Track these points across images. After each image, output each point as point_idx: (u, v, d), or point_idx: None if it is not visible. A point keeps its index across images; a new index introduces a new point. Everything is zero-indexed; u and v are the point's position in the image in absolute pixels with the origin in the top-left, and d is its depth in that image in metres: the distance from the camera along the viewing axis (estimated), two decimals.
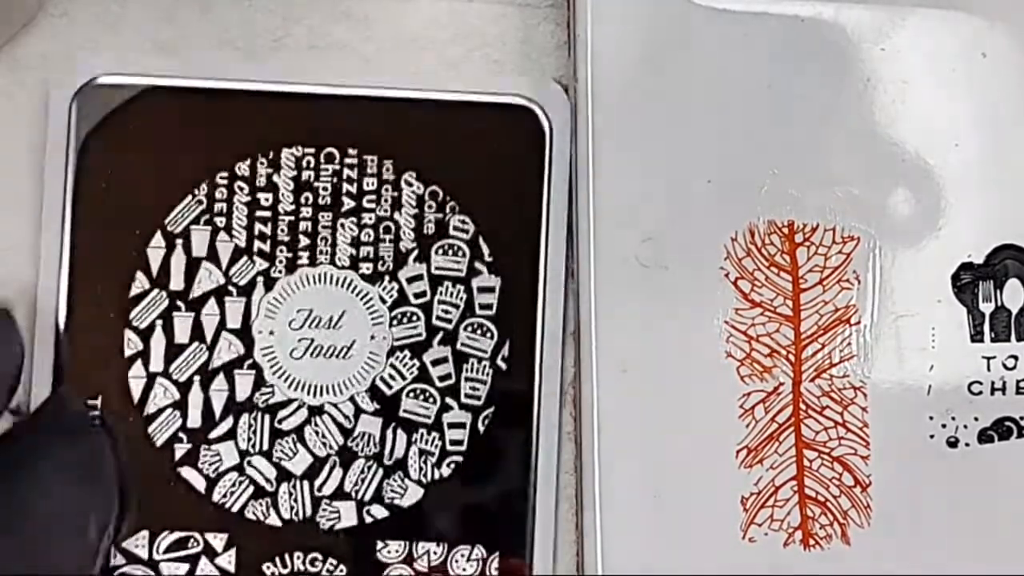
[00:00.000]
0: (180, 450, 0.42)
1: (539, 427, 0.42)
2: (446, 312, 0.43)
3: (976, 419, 0.42)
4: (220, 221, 0.42)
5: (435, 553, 0.42)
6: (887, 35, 0.43)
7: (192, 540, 0.42)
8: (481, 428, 0.42)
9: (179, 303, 0.42)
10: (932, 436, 0.42)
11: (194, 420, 0.42)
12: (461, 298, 0.43)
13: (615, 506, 0.41)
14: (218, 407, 0.42)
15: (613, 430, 0.42)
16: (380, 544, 0.42)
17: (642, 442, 0.42)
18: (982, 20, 0.43)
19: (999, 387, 0.42)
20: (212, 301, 0.42)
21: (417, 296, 0.43)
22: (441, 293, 0.43)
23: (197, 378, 0.42)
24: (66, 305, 0.42)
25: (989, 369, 0.42)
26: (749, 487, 0.42)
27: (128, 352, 0.42)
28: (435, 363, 0.43)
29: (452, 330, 0.43)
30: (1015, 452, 0.42)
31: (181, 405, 0.42)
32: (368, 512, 0.42)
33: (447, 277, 0.43)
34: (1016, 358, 0.42)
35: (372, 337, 0.42)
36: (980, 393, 0.42)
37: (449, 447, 0.42)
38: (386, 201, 0.43)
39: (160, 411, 0.42)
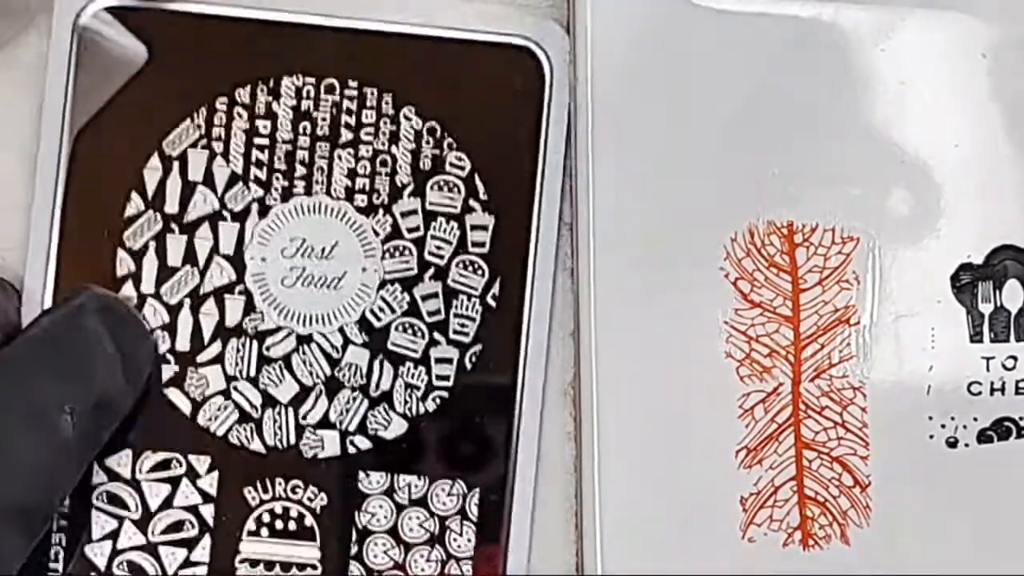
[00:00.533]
0: (167, 372, 0.42)
1: (526, 365, 0.42)
2: (438, 248, 0.43)
3: (975, 419, 0.42)
4: (218, 146, 0.42)
5: (416, 486, 0.42)
6: (887, 35, 0.43)
7: (175, 461, 0.42)
8: (468, 365, 0.43)
9: (173, 226, 0.42)
10: (931, 436, 0.42)
11: (183, 343, 0.42)
12: (454, 235, 0.43)
13: (615, 506, 0.42)
14: (207, 331, 0.42)
15: (613, 430, 0.42)
16: (362, 475, 0.42)
17: (641, 442, 0.42)
18: (982, 20, 0.43)
19: (998, 387, 0.42)
20: (206, 225, 0.42)
21: (410, 230, 0.43)
22: (434, 229, 0.43)
23: (187, 301, 0.42)
24: (59, 224, 0.42)
25: (988, 369, 0.42)
26: (748, 487, 0.42)
27: (120, 272, 0.42)
28: (425, 298, 0.43)
29: (444, 266, 0.43)
30: (1014, 452, 0.42)
31: (170, 327, 0.42)
32: (351, 442, 0.42)
33: (441, 213, 0.43)
34: (1015, 358, 0.42)
35: (364, 269, 0.43)
36: (979, 393, 0.42)
37: (435, 382, 0.42)
38: (384, 135, 0.43)
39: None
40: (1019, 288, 0.42)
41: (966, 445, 0.42)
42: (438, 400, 0.42)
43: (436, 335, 0.42)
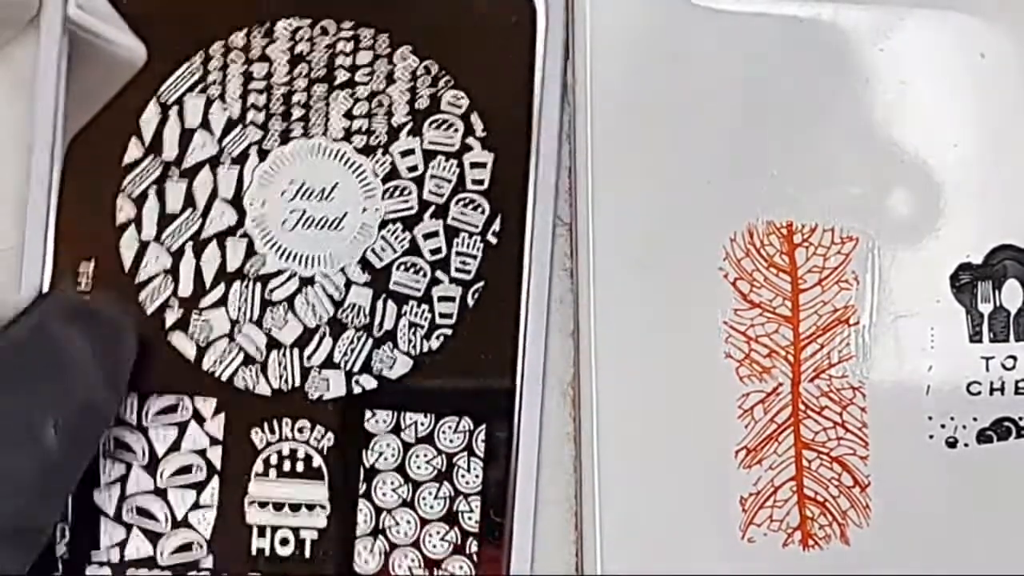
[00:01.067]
0: (171, 317, 0.42)
1: (528, 300, 0.42)
2: (438, 186, 0.43)
3: (975, 419, 0.42)
4: (214, 91, 0.43)
5: (422, 424, 0.42)
6: (886, 35, 0.43)
7: (181, 406, 0.42)
8: (471, 302, 0.43)
9: (172, 171, 0.42)
10: (931, 436, 0.42)
11: (185, 288, 0.42)
12: (453, 173, 0.43)
13: (614, 506, 0.42)
14: (209, 276, 0.42)
15: (612, 430, 0.42)
16: (368, 414, 0.42)
17: (641, 442, 0.42)
18: (982, 20, 0.43)
19: (998, 387, 0.42)
20: (205, 170, 0.43)
21: (409, 170, 0.43)
22: (433, 167, 0.43)
23: (189, 246, 0.42)
24: (60, 173, 0.42)
25: (988, 369, 0.42)
26: (748, 487, 0.42)
27: (120, 219, 0.42)
28: (426, 237, 0.43)
29: (443, 204, 0.43)
30: (1014, 452, 0.42)
31: (173, 273, 0.42)
32: (357, 382, 0.42)
33: (440, 151, 0.43)
34: (1015, 358, 0.42)
35: (364, 210, 0.43)
36: (979, 393, 0.42)
37: (439, 320, 0.43)
38: (380, 75, 0.43)
39: (151, 278, 0.42)
40: (1018, 288, 0.42)
41: (965, 445, 0.42)
42: (442, 338, 0.43)
43: (438, 273, 0.43)
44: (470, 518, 0.42)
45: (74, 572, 0.42)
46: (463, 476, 0.42)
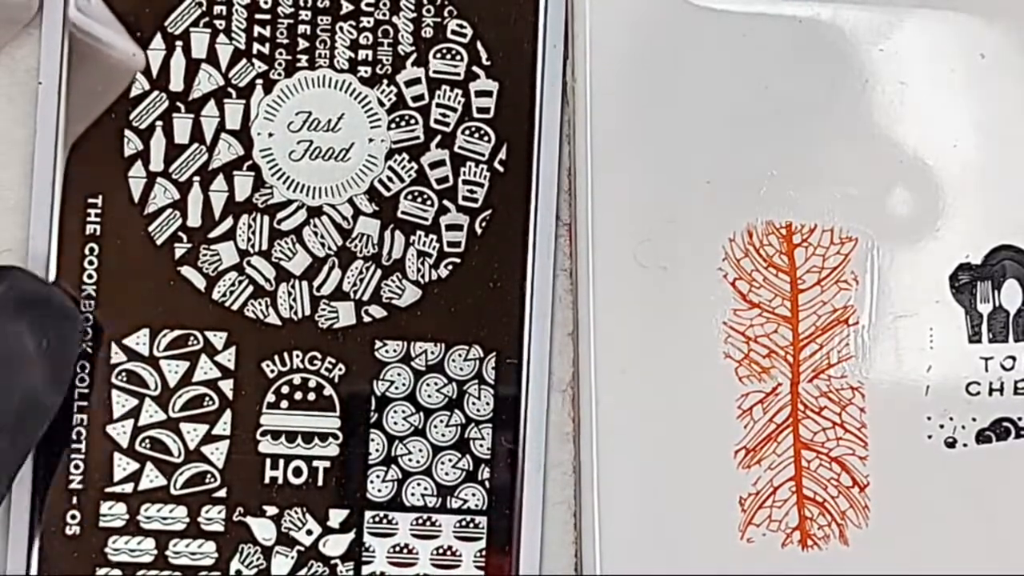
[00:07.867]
0: (180, 249, 0.43)
1: (536, 228, 0.43)
2: (444, 116, 0.43)
3: (974, 420, 0.42)
4: (220, 23, 0.43)
5: (432, 353, 0.43)
6: (885, 36, 0.43)
7: (192, 338, 0.42)
8: (479, 230, 0.43)
9: (179, 104, 0.43)
10: (930, 437, 0.42)
11: (194, 220, 0.43)
12: (459, 101, 0.43)
13: (613, 506, 0.42)
14: (217, 208, 0.43)
15: (611, 430, 0.42)
16: (378, 343, 0.43)
17: (640, 443, 0.42)
18: (981, 20, 0.43)
19: (997, 388, 0.42)
20: (212, 103, 0.43)
21: (415, 99, 0.43)
22: (439, 97, 0.43)
23: (197, 179, 0.43)
24: (66, 107, 0.42)
25: (987, 370, 0.42)
26: (747, 488, 0.42)
27: (128, 152, 0.43)
28: (433, 166, 0.43)
29: (450, 133, 0.43)
30: (1013, 453, 0.42)
31: (181, 205, 0.43)
32: (366, 312, 0.43)
33: (445, 81, 0.43)
34: (1014, 359, 0.42)
35: (370, 140, 0.43)
36: (978, 394, 0.42)
37: (447, 248, 0.43)
38: (384, 5, 0.43)
39: (160, 211, 0.43)
40: (1018, 288, 0.42)
41: (964, 445, 0.42)
42: (450, 266, 0.43)
43: (445, 202, 0.43)
44: (481, 445, 0.43)
45: (87, 505, 0.42)
46: (474, 404, 0.43)
